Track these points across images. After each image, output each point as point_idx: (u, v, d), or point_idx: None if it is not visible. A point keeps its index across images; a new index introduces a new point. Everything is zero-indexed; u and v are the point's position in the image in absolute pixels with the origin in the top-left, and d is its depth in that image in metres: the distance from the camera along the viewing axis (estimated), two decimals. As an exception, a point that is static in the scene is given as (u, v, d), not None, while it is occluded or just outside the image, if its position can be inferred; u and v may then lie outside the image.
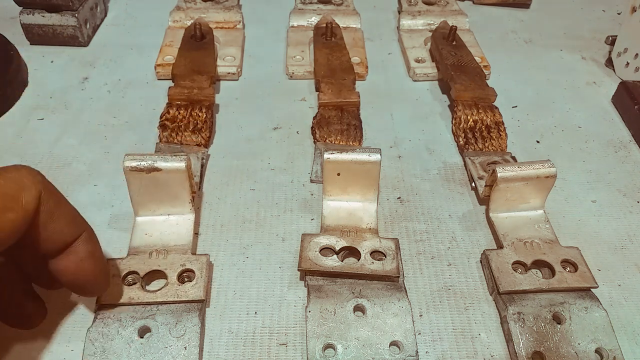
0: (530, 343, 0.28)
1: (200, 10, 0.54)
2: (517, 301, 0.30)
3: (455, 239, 0.35)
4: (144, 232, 0.33)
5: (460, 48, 0.49)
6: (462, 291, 0.32)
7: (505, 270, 0.31)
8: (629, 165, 0.42)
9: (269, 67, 0.51)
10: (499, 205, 0.35)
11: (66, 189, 0.38)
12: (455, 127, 0.43)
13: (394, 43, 0.55)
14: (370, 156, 0.33)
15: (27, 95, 0.46)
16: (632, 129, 0.45)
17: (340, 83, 0.45)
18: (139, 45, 0.53)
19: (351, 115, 0.43)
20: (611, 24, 0.60)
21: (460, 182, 0.40)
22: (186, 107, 0.42)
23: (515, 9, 0.62)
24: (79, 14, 0.50)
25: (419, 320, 0.31)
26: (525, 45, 0.56)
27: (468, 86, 0.44)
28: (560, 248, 0.33)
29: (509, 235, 0.34)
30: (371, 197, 0.35)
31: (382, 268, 0.31)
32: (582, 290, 0.31)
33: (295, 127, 0.44)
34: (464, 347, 0.30)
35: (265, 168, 0.40)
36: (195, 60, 0.46)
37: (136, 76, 0.49)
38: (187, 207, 0.33)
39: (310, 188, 0.39)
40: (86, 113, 0.45)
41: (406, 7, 0.56)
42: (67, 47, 0.51)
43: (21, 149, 0.41)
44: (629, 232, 0.37)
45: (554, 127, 0.45)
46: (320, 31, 0.52)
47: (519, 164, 0.34)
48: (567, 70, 0.52)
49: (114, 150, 0.41)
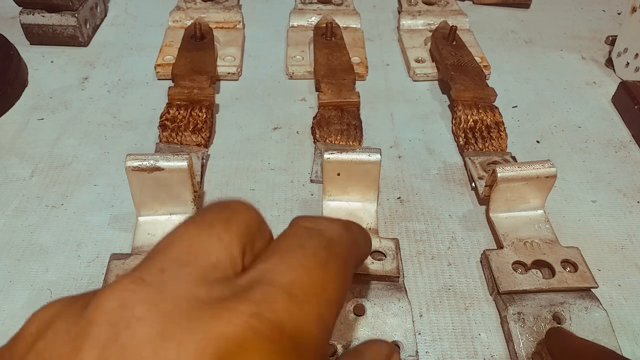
0: (530, 343, 0.28)
1: (200, 10, 0.54)
2: (517, 301, 0.30)
3: (455, 239, 0.35)
4: (147, 232, 0.33)
5: (460, 48, 0.49)
6: (462, 291, 0.32)
7: (505, 270, 0.32)
8: (629, 165, 0.42)
9: (269, 67, 0.51)
10: (499, 205, 0.35)
11: (66, 189, 0.38)
12: (455, 127, 0.43)
13: (394, 43, 0.55)
14: (370, 156, 0.33)
15: (27, 95, 0.46)
16: (632, 129, 0.45)
17: (340, 83, 0.45)
18: (139, 45, 0.53)
19: (351, 115, 0.43)
20: (611, 24, 0.60)
21: (460, 182, 0.40)
22: (186, 107, 0.42)
23: (515, 9, 0.62)
24: (79, 14, 0.50)
25: (419, 320, 0.31)
26: (525, 45, 0.56)
27: (468, 86, 0.44)
28: (560, 248, 0.33)
29: (509, 235, 0.34)
30: (371, 197, 0.35)
31: (382, 268, 0.31)
32: (582, 290, 0.31)
33: (295, 127, 0.44)
34: (464, 347, 0.30)
35: (265, 168, 0.40)
36: (195, 60, 0.46)
37: (136, 76, 0.49)
38: (189, 206, 0.33)
39: (310, 188, 0.39)
40: (86, 113, 0.45)
41: (406, 7, 0.56)
42: (67, 47, 0.51)
43: (21, 149, 0.41)
44: (629, 232, 0.37)
45: (554, 127, 0.45)
46: (320, 31, 0.52)
47: (519, 164, 0.34)
48: (567, 70, 0.52)
49: (114, 150, 0.41)
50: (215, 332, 0.13)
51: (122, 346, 0.13)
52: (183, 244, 0.15)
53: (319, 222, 0.18)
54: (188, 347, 0.13)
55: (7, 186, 0.38)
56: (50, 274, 0.32)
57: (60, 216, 0.36)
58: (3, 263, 0.33)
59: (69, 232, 0.35)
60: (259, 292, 0.14)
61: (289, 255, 0.16)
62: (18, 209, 0.36)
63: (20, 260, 0.33)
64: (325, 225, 0.17)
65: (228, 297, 0.14)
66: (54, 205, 0.36)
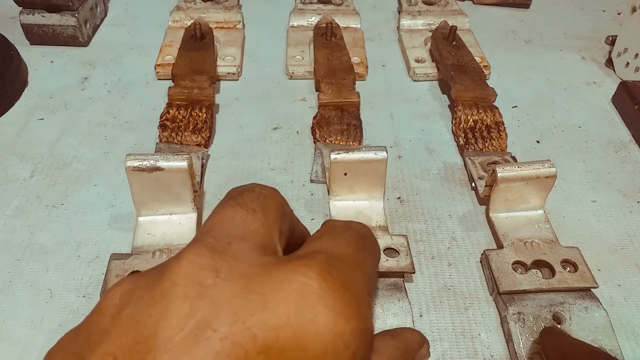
0: (530, 343, 0.28)
1: (200, 10, 0.54)
2: (517, 301, 0.30)
3: (455, 239, 0.35)
4: (147, 232, 0.33)
5: (460, 48, 0.49)
6: (462, 291, 0.32)
7: (505, 270, 0.32)
8: (629, 165, 0.42)
9: (269, 67, 0.51)
10: (499, 205, 0.35)
11: (66, 189, 0.38)
12: (455, 127, 0.43)
13: (394, 43, 0.55)
14: (377, 154, 0.33)
15: (27, 95, 0.46)
16: (632, 129, 0.45)
17: (340, 83, 0.45)
18: (139, 45, 0.53)
19: (351, 115, 0.43)
20: (611, 24, 0.60)
21: (460, 182, 0.40)
22: (186, 107, 0.42)
23: (515, 9, 0.62)
24: (79, 14, 0.50)
25: (419, 320, 0.31)
26: (525, 45, 0.56)
27: (468, 86, 0.44)
28: (560, 248, 0.33)
29: (509, 235, 0.34)
30: (378, 195, 0.35)
31: (398, 264, 0.31)
32: (582, 290, 0.31)
33: (295, 127, 0.44)
34: (464, 347, 0.30)
35: (265, 168, 0.40)
36: (195, 60, 0.46)
37: (136, 76, 0.49)
38: (189, 206, 0.33)
39: (310, 188, 0.39)
40: (86, 113, 0.45)
41: (406, 7, 0.56)
42: (67, 47, 0.51)
43: (21, 148, 0.41)
44: (629, 232, 0.37)
45: (554, 127, 0.45)
46: (320, 31, 0.52)
47: (519, 164, 0.34)
48: (567, 70, 0.52)
49: (114, 150, 0.41)
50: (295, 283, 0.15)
51: (212, 300, 0.14)
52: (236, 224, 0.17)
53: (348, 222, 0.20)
54: (273, 296, 0.14)
55: (7, 186, 0.38)
56: (50, 274, 0.32)
57: (60, 216, 0.36)
58: (3, 263, 0.33)
59: (69, 232, 0.35)
60: (322, 257, 0.16)
61: (336, 238, 0.18)
62: (18, 209, 0.36)
63: (20, 260, 0.33)
64: (355, 224, 0.20)
65: (295, 260, 0.16)
66: (54, 205, 0.36)
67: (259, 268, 0.15)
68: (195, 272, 0.15)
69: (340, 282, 0.15)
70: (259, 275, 0.15)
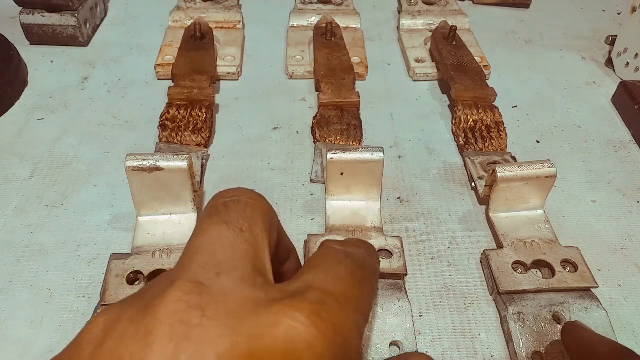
0: (530, 343, 0.28)
1: (200, 10, 0.54)
2: (517, 301, 0.30)
3: (455, 239, 0.35)
4: (147, 232, 0.33)
5: (460, 48, 0.49)
6: (462, 291, 0.32)
7: (505, 270, 0.32)
8: (629, 165, 0.42)
9: (269, 67, 0.51)
10: (499, 205, 0.35)
11: (66, 189, 0.38)
12: (455, 127, 0.43)
13: (394, 43, 0.55)
14: (374, 155, 0.33)
15: (27, 95, 0.46)
16: (632, 129, 0.45)
17: (340, 83, 0.45)
18: (139, 45, 0.53)
19: (351, 115, 0.43)
20: (611, 24, 0.60)
21: (460, 182, 0.40)
22: (186, 107, 0.42)
23: (515, 9, 0.62)
24: (79, 14, 0.50)
25: (419, 320, 0.31)
26: (525, 45, 0.56)
27: (468, 86, 0.44)
28: (560, 248, 0.33)
29: (509, 235, 0.34)
30: (374, 195, 0.35)
31: (390, 266, 0.31)
32: (582, 290, 0.31)
33: (295, 127, 0.44)
34: (464, 347, 0.30)
35: (265, 168, 0.40)
36: (195, 60, 0.46)
37: (136, 76, 0.49)
38: (189, 206, 0.33)
39: (310, 188, 0.39)
40: (86, 113, 0.45)
41: (406, 7, 0.56)
42: (67, 47, 0.51)
43: (21, 148, 0.41)
44: (629, 232, 0.37)
45: (554, 127, 0.45)
46: (320, 31, 0.52)
47: (519, 164, 0.34)
48: (567, 70, 0.52)
49: (114, 150, 0.41)
50: (282, 327, 0.14)
51: (198, 341, 0.14)
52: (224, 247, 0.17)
53: (347, 246, 0.20)
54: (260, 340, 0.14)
55: (7, 186, 0.38)
56: (50, 274, 0.32)
57: (60, 216, 0.36)
58: (3, 263, 0.33)
59: (69, 232, 0.35)
60: (313, 295, 0.16)
61: (332, 270, 0.18)
62: (18, 209, 0.36)
63: (20, 260, 0.33)
64: (354, 249, 0.20)
65: (285, 298, 0.15)
66: (54, 205, 0.36)
67: (249, 304, 0.15)
68: (181, 311, 0.14)
69: (330, 325, 0.15)
70: (247, 314, 0.15)
